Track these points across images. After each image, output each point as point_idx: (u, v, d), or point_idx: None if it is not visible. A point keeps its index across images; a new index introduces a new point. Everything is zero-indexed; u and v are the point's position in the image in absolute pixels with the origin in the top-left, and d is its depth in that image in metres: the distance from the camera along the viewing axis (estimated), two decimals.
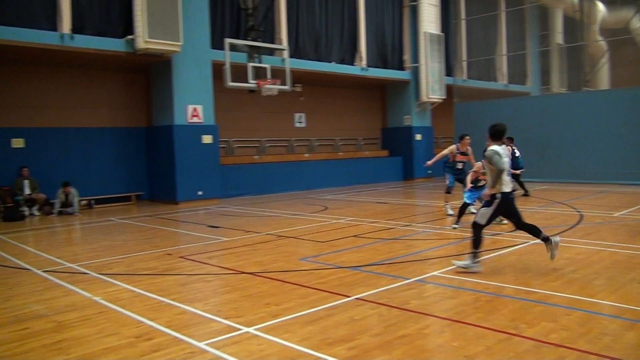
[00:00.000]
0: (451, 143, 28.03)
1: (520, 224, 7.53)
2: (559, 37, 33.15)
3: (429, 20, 25.39)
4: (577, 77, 30.00)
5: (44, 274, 8.16)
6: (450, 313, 5.66)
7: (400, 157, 26.13)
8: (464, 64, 28.43)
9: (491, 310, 5.72)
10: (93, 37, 15.89)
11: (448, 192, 13.69)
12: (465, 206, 11.37)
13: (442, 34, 26.08)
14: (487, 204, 7.42)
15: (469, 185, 11.23)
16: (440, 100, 26.00)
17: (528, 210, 13.32)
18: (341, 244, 9.85)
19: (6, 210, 15.24)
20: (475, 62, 29.35)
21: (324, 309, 5.89)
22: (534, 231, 7.47)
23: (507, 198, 7.34)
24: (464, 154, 13.54)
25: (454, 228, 11.09)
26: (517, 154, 16.13)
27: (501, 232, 10.42)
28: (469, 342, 4.80)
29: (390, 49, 25.34)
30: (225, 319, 5.71)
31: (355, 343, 4.87)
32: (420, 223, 12.23)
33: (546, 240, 7.39)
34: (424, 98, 25.42)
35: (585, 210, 13.22)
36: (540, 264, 7.74)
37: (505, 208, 7.42)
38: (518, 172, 15.74)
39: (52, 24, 15.32)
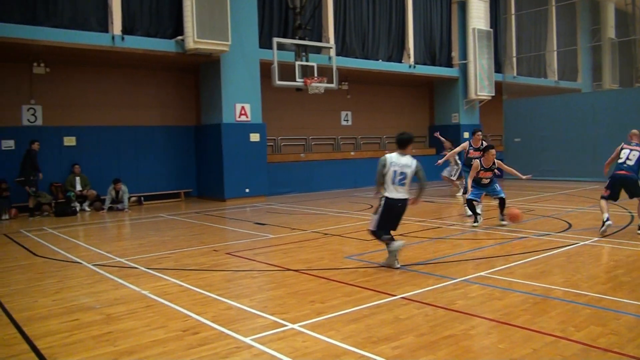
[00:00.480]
0: (500, 141, 27.77)
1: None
2: (611, 32, 32.13)
3: (478, 16, 24.99)
4: (630, 72, 29.14)
5: (94, 268, 8.38)
6: (497, 314, 5.58)
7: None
8: (514, 60, 27.88)
9: (539, 312, 5.61)
10: (143, 38, 16.27)
11: (465, 192, 13.54)
12: (471, 203, 11.34)
13: (491, 29, 25.63)
14: (377, 210, 7.90)
15: (470, 188, 11.33)
16: (489, 98, 25.57)
17: (578, 211, 13.02)
18: None
19: (58, 205, 15.71)
20: (525, 58, 28.78)
21: (369, 308, 5.89)
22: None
23: (388, 204, 7.79)
24: (477, 149, 13.31)
25: (474, 226, 11.14)
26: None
27: (550, 233, 10.22)
28: (516, 345, 4.72)
29: (439, 45, 25.07)
30: (271, 315, 5.76)
31: (399, 342, 4.85)
32: (468, 223, 12.08)
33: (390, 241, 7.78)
34: (473, 95, 25.05)
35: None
36: (590, 266, 7.57)
37: (389, 213, 7.81)
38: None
39: (103, 26, 15.75)
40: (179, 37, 16.51)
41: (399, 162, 8.02)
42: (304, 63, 18.31)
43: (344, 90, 22.97)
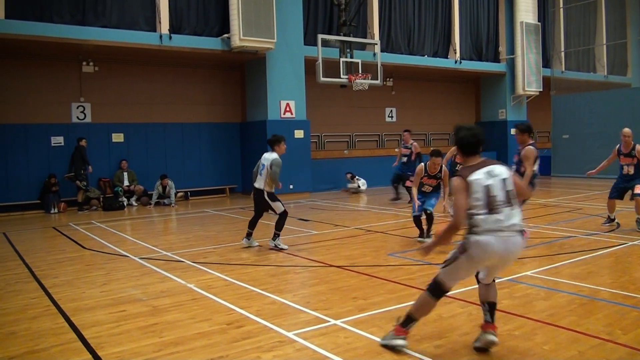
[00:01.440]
0: (548, 138, 27.22)
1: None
2: None
3: (526, 9, 24.48)
4: None
5: (140, 261, 8.56)
6: (542, 315, 5.48)
7: (494, 152, 25.43)
8: (562, 54, 27.27)
9: (585, 314, 5.50)
10: (190, 36, 16.57)
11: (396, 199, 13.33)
12: (417, 220, 9.69)
13: (538, 23, 25.07)
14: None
15: (416, 201, 9.56)
16: (536, 93, 25.08)
17: (627, 210, 12.66)
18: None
19: (106, 200, 16.10)
20: (573, 53, 28.08)
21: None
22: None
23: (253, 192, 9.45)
24: (405, 147, 13.38)
25: (419, 241, 9.54)
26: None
27: (598, 232, 9.98)
28: (561, 346, 4.63)
29: (485, 40, 24.70)
30: (314, 310, 5.79)
31: (442, 341, 4.82)
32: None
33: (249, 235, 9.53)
34: (520, 91, 24.59)
35: None
36: (639, 267, 7.37)
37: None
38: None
39: (151, 25, 16.11)
40: (225, 35, 16.71)
41: (263, 156, 9.39)
42: (349, 59, 18.28)
43: (388, 87, 22.85)
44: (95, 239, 10.94)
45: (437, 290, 4.53)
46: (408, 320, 4.63)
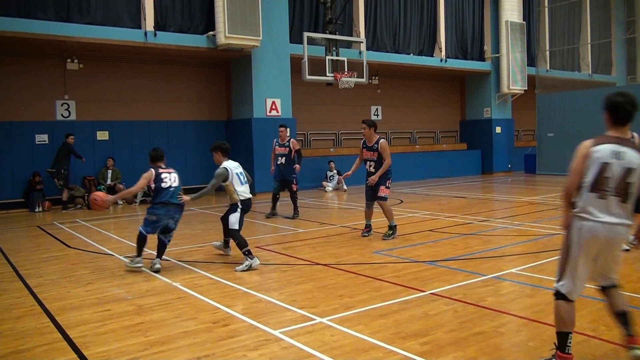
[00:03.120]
0: (533, 136, 27.39)
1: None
2: None
3: (511, 8, 24.59)
4: None
5: (125, 260, 8.49)
6: (527, 312, 5.52)
7: (478, 150, 25.60)
8: (547, 53, 27.42)
9: None
10: (175, 34, 16.51)
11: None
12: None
13: (523, 22, 25.22)
14: (234, 211, 8.05)
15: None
16: (521, 92, 25.23)
17: None
18: (416, 238, 9.79)
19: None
20: (558, 52, 28.24)
21: (398, 303, 5.88)
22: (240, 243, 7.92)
23: (247, 205, 8.20)
24: (282, 145, 12.96)
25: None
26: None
27: None
28: (546, 343, 4.65)
29: (471, 39, 24.81)
30: (300, 308, 5.79)
31: (428, 338, 4.83)
32: (499, 218, 11.97)
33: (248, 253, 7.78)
34: (505, 89, 24.73)
35: None
36: (623, 265, 7.42)
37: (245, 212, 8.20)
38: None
39: (136, 22, 16.02)
40: (211, 33, 16.65)
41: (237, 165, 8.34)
42: (335, 58, 18.30)
43: (374, 85, 22.89)
44: (80, 237, 10.86)
45: (558, 292, 4.29)
46: (561, 339, 4.18)
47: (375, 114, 23.50)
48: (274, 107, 18.12)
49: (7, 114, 15.64)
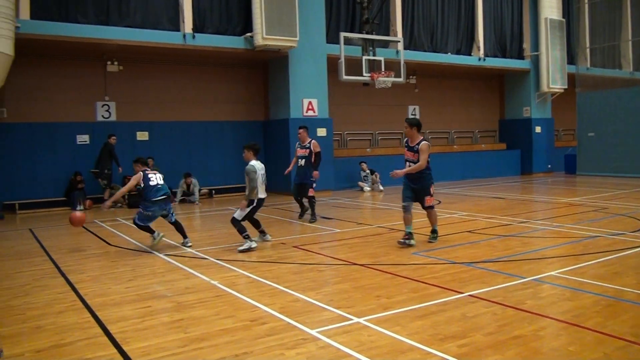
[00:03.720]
0: (573, 135, 26.89)
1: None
2: None
3: (550, 5, 24.15)
4: None
5: (166, 258, 8.64)
6: (567, 316, 5.42)
7: (518, 150, 25.23)
8: (587, 51, 26.83)
9: (611, 315, 5.42)
10: (213, 35, 16.70)
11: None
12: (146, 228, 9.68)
13: (563, 19, 24.74)
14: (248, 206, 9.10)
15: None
16: (561, 91, 24.76)
17: None
18: (455, 239, 9.70)
19: (131, 197, 16.25)
20: (598, 49, 27.59)
21: (436, 304, 5.83)
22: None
23: (260, 203, 9.29)
24: (303, 147, 12.59)
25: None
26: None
27: (624, 232, 9.84)
28: (586, 348, 4.57)
29: (509, 37, 24.46)
30: (337, 308, 5.80)
31: (466, 340, 4.79)
32: (539, 220, 11.78)
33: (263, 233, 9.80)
34: (545, 88, 24.31)
35: None
36: None
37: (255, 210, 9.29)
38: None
39: (174, 24, 16.28)
40: (248, 34, 16.78)
41: (262, 167, 9.46)
42: (371, 57, 18.25)
43: (411, 85, 22.76)
44: (121, 235, 11.07)
45: None
46: None
47: (413, 113, 23.36)
48: (310, 107, 18.16)
49: (50, 116, 16.06)
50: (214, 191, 18.31)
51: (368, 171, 19.46)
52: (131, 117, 17.26)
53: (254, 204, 9.17)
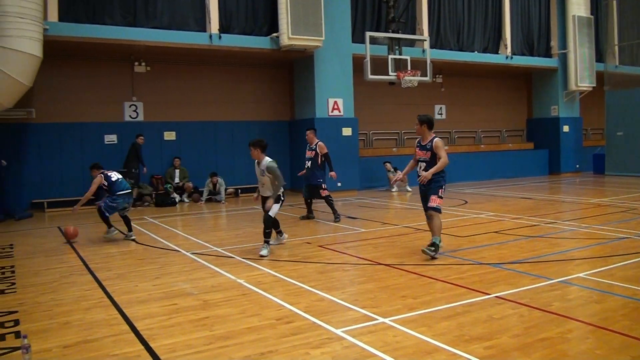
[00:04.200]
0: (601, 135, 26.48)
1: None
2: None
3: (578, 2, 23.74)
4: None
5: (192, 256, 8.72)
6: (595, 318, 5.35)
7: (546, 150, 24.93)
8: (616, 48, 26.36)
9: (639, 318, 5.33)
10: (239, 36, 16.81)
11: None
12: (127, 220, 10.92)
13: (591, 16, 24.32)
14: (277, 202, 8.95)
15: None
16: (589, 89, 24.37)
17: None
18: (481, 239, 9.62)
19: (158, 196, 16.47)
20: (627, 46, 27.07)
21: (462, 305, 5.80)
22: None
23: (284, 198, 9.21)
24: (309, 149, 12.71)
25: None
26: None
27: None
28: (614, 351, 4.50)
29: (537, 35, 24.15)
30: (362, 308, 5.79)
31: (493, 342, 4.75)
32: (567, 221, 11.64)
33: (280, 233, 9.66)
34: (573, 87, 23.95)
35: None
36: None
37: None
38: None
39: (201, 25, 16.44)
40: (274, 34, 16.84)
41: None
42: (397, 56, 18.20)
43: (438, 84, 22.64)
44: (148, 234, 11.19)
45: None
46: None
47: (439, 113, 23.25)
48: (336, 106, 18.16)
49: (78, 116, 16.31)
50: (239, 190, 18.40)
51: (392, 169, 19.39)
52: (158, 117, 17.44)
53: (282, 199, 9.07)
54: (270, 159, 8.98)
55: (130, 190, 10.85)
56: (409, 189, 18.86)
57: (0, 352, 4.65)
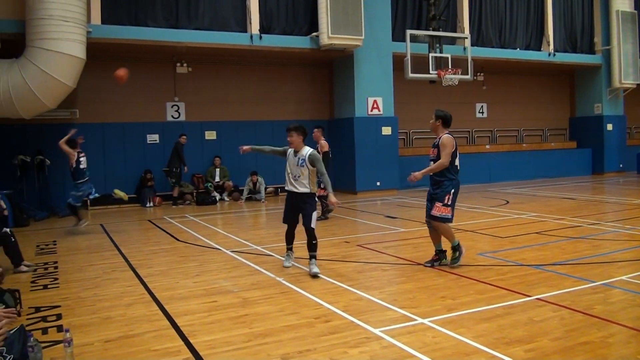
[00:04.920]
0: None
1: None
2: None
3: None
4: None
5: (232, 254, 8.83)
6: (638, 322, 5.23)
7: (589, 149, 24.41)
8: None
9: None
10: (280, 36, 16.91)
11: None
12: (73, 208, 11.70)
13: (635, 11, 23.67)
14: (314, 208, 7.63)
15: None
16: (634, 86, 23.68)
17: None
18: (522, 240, 9.49)
19: (199, 195, 16.70)
20: None
21: (502, 307, 5.74)
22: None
23: None
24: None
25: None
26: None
27: None
28: None
29: (580, 31, 23.61)
30: (401, 308, 5.78)
31: (533, 345, 4.69)
32: (610, 222, 11.39)
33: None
34: (617, 84, 23.32)
35: None
36: None
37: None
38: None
39: (242, 26, 16.59)
40: (314, 34, 16.89)
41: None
42: (438, 54, 18.07)
43: (479, 82, 22.38)
44: (189, 231, 11.36)
45: None
46: None
47: (481, 111, 23.00)
48: (375, 105, 18.11)
49: (121, 116, 16.66)
50: (279, 189, 18.52)
51: None
52: (200, 117, 17.68)
53: (316, 200, 8.05)
54: (312, 149, 7.70)
55: (89, 177, 11.71)
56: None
57: (43, 345, 4.78)
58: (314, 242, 7.52)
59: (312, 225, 7.50)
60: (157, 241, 10.48)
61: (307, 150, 7.58)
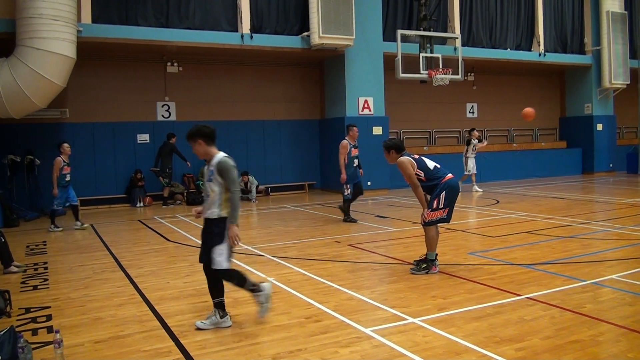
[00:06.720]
0: (635, 133, 25.93)
1: None
2: None
3: None
4: None
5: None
6: (627, 321, 5.25)
7: (579, 149, 24.52)
8: None
9: None
10: (271, 35, 16.89)
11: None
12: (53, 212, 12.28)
13: (625, 12, 23.75)
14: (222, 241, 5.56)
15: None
16: (623, 86, 23.77)
17: None
18: (513, 239, 9.53)
19: (190, 195, 16.67)
20: None
21: (493, 306, 5.76)
22: None
23: None
24: (356, 147, 12.12)
25: None
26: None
27: None
28: None
29: (570, 31, 23.68)
30: (391, 307, 5.79)
31: (524, 344, 4.71)
32: (600, 221, 11.45)
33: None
34: (607, 84, 23.39)
35: None
36: None
37: None
38: None
39: (233, 25, 16.57)
40: (305, 33, 16.88)
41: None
42: (429, 55, 18.08)
43: (469, 82, 22.44)
44: (179, 232, 11.32)
45: None
46: None
47: (471, 111, 23.05)
48: (366, 105, 18.12)
49: (111, 115, 16.60)
50: (270, 189, 18.51)
51: None
52: (190, 117, 17.60)
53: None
54: (224, 155, 5.95)
55: (70, 183, 12.50)
56: (479, 189, 18.13)
57: (33, 346, 4.77)
58: (217, 285, 5.46)
59: (215, 265, 5.38)
60: (147, 241, 10.44)
61: (217, 158, 5.82)
